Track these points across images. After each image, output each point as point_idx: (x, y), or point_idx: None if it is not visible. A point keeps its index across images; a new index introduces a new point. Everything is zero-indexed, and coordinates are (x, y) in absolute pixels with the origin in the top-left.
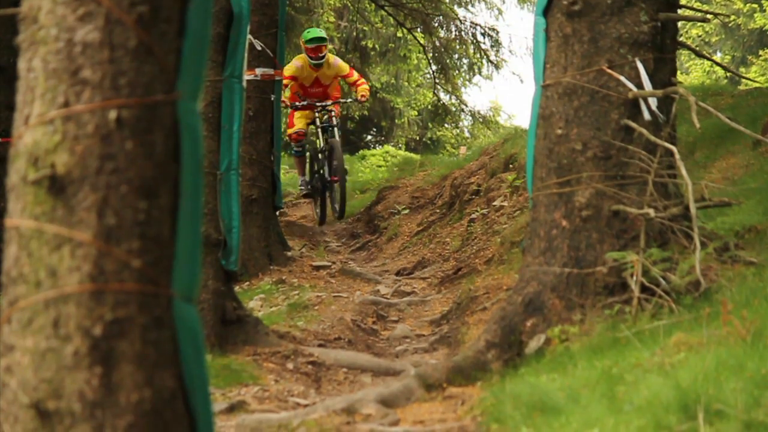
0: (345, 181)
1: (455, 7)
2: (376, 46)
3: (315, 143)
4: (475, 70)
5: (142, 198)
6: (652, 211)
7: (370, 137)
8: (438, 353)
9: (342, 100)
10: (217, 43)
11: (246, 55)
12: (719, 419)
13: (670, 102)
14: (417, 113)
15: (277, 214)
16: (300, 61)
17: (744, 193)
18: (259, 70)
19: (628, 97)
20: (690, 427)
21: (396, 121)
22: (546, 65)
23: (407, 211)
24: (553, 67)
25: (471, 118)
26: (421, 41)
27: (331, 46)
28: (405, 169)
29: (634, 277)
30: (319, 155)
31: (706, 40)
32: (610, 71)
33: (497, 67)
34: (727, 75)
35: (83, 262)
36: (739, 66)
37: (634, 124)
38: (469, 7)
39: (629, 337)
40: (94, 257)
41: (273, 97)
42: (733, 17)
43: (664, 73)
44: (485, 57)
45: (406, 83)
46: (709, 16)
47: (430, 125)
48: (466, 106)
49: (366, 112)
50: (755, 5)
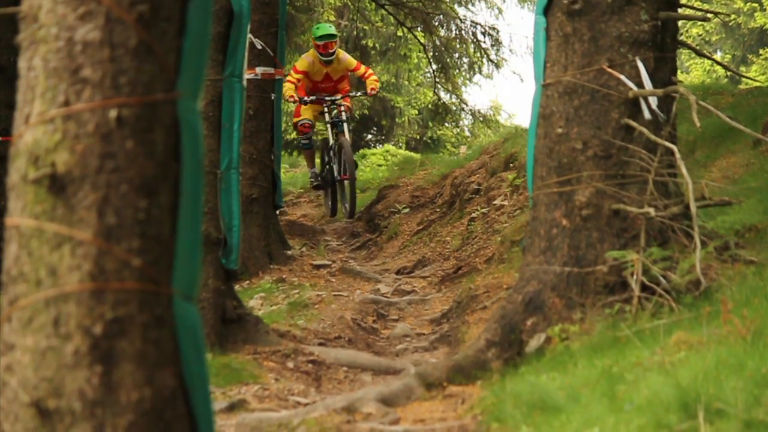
0: (355, 179)
1: (455, 6)
2: (377, 45)
3: (325, 138)
4: (476, 69)
5: (142, 197)
6: (652, 210)
7: (370, 136)
8: (438, 352)
9: (352, 94)
10: (217, 42)
11: (246, 54)
12: (719, 418)
13: (671, 101)
14: (417, 112)
15: (278, 213)
16: (311, 56)
17: (744, 192)
18: (259, 69)
19: (629, 96)
20: (690, 426)
21: (396, 120)
22: (546, 64)
23: (407, 210)
24: (554, 66)
25: (471, 117)
26: (422, 40)
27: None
28: (405, 168)
29: (635, 276)
30: (330, 151)
31: (707, 39)
32: (610, 70)
33: (497, 66)
34: (728, 74)
35: (83, 260)
36: (740, 65)
37: (634, 123)
38: (469, 6)
39: (629, 336)
40: (94, 256)
41: (273, 96)
42: (733, 16)
43: (664, 72)
44: (485, 56)
45: (407, 82)
46: (709, 15)
47: (431, 124)
48: (467, 105)
49: (366, 111)
50: (755, 4)
